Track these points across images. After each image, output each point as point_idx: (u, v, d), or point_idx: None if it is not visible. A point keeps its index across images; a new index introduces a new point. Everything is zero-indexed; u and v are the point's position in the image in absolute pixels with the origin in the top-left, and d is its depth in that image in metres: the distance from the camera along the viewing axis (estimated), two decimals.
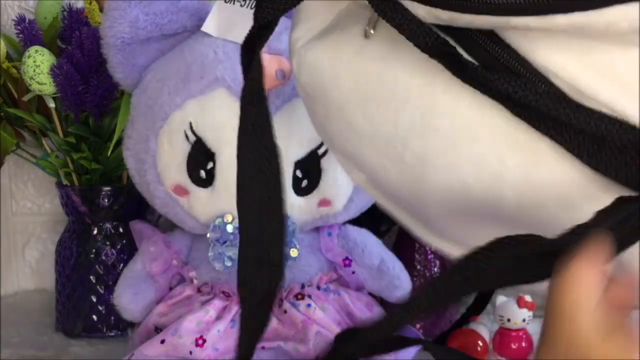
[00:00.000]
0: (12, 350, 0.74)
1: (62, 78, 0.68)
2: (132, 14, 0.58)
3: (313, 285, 0.62)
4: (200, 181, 0.59)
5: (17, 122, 0.76)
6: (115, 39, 0.59)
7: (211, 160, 0.58)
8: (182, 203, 0.61)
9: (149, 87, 0.60)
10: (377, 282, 0.65)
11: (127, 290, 0.64)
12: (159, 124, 0.59)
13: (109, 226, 0.77)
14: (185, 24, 0.61)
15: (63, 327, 0.78)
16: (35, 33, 0.72)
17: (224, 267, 0.60)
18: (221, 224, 0.60)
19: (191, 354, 0.58)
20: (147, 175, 0.60)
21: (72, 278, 0.77)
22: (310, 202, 0.60)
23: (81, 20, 0.75)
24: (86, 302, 0.76)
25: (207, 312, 0.60)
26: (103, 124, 0.73)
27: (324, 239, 0.63)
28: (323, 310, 0.61)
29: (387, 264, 0.65)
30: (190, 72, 0.58)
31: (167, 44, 0.62)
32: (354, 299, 0.64)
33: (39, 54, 0.68)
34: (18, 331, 0.79)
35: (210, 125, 0.57)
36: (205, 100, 0.57)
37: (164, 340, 0.58)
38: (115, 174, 0.76)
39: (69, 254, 0.77)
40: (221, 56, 0.58)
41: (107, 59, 0.60)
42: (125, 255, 0.77)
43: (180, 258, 0.64)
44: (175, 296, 0.63)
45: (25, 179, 0.92)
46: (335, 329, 0.60)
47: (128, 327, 0.77)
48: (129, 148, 0.61)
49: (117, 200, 0.76)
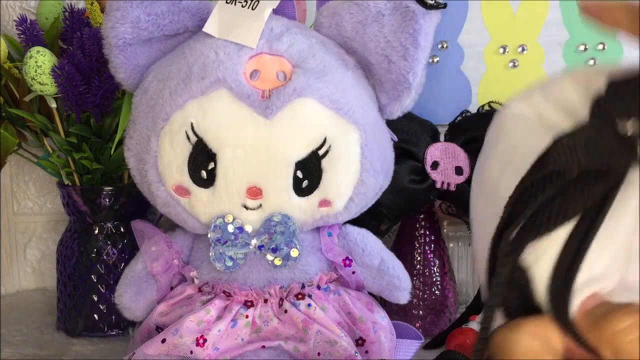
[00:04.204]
0: (14, 350, 0.74)
1: (64, 78, 0.68)
2: (133, 14, 0.58)
3: (313, 285, 0.62)
4: (201, 181, 0.59)
5: (18, 122, 0.77)
6: (117, 39, 0.59)
7: (212, 161, 0.58)
8: (183, 203, 0.61)
9: (150, 87, 0.60)
10: (377, 282, 0.65)
11: (128, 289, 0.64)
12: (160, 124, 0.59)
13: (110, 226, 0.77)
14: (187, 24, 0.61)
15: (64, 326, 0.79)
16: (36, 33, 0.72)
17: (225, 267, 0.61)
18: (222, 224, 0.60)
19: (192, 354, 0.58)
20: (148, 175, 0.61)
21: (73, 277, 0.77)
22: (310, 202, 0.60)
23: (82, 20, 0.75)
24: (87, 302, 0.76)
25: (208, 312, 0.60)
26: (104, 124, 0.73)
27: (324, 239, 0.63)
28: (323, 310, 0.61)
29: (387, 264, 0.65)
30: (192, 72, 0.58)
31: (169, 45, 0.62)
32: (354, 299, 0.64)
33: (41, 55, 0.68)
34: (19, 330, 0.79)
35: (211, 126, 0.58)
36: (206, 101, 0.58)
37: (165, 339, 0.59)
38: (116, 173, 0.76)
39: (70, 254, 0.77)
40: (222, 57, 0.58)
41: (108, 59, 0.60)
42: (126, 254, 0.77)
43: (181, 258, 0.64)
44: (176, 296, 0.63)
45: (26, 179, 0.92)
46: (336, 329, 0.60)
47: (129, 327, 0.78)
48: (130, 148, 0.61)
49: (118, 200, 0.76)
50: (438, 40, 0.83)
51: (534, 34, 0.84)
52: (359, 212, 0.64)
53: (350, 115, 0.59)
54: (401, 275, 0.66)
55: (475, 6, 0.83)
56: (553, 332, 0.28)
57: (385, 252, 0.66)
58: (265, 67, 0.59)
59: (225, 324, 0.59)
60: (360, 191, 0.61)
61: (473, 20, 0.83)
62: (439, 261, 0.78)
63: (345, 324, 0.62)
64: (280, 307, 0.61)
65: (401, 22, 0.58)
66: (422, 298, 0.77)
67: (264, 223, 0.60)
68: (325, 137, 0.58)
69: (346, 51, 0.62)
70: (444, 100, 0.84)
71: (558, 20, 0.83)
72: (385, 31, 0.59)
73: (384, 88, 0.61)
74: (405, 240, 0.79)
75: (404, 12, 0.58)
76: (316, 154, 0.58)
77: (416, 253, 0.78)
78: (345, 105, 0.58)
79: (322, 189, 0.60)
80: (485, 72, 0.84)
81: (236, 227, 0.60)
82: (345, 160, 0.59)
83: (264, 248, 0.60)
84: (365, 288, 0.66)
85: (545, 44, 0.84)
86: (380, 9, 0.59)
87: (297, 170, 0.59)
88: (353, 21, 0.60)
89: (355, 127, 0.59)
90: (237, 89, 0.57)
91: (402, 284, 0.66)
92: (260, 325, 0.60)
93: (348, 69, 0.61)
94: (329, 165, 0.59)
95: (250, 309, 0.60)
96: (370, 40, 0.60)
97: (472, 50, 0.84)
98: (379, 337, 0.62)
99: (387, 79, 0.60)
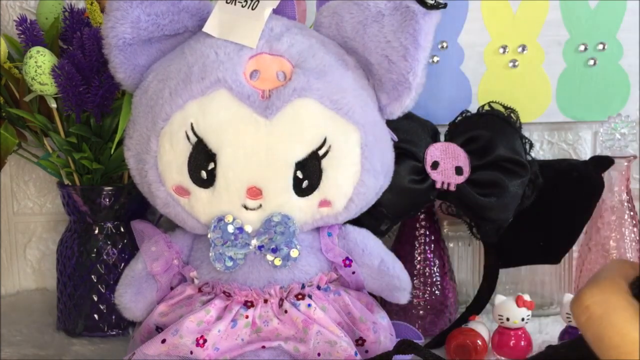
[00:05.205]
0: (14, 350, 0.74)
1: (64, 78, 0.68)
2: (133, 14, 0.58)
3: (313, 285, 0.62)
4: (201, 182, 0.59)
5: (18, 122, 0.76)
6: (117, 39, 0.59)
7: (212, 161, 0.58)
8: (183, 203, 0.61)
9: (150, 87, 0.60)
10: (377, 282, 0.65)
11: (128, 289, 0.64)
12: (160, 124, 0.59)
13: (110, 226, 0.77)
14: (187, 24, 0.61)
15: (64, 326, 0.79)
16: (36, 33, 0.72)
17: (225, 267, 0.61)
18: (222, 225, 0.60)
19: (192, 354, 0.58)
20: (148, 176, 0.61)
21: (73, 277, 0.77)
22: (310, 202, 0.60)
23: (82, 20, 0.75)
24: (87, 302, 0.76)
25: (208, 312, 0.60)
26: (104, 124, 0.73)
27: (324, 239, 0.64)
28: (323, 310, 0.61)
29: (387, 264, 0.65)
30: (192, 72, 0.58)
31: (169, 45, 0.62)
32: (354, 299, 0.64)
33: (41, 55, 0.68)
34: (19, 330, 0.79)
35: (211, 126, 0.58)
36: (206, 101, 0.58)
37: (165, 339, 0.59)
38: (116, 173, 0.76)
39: (70, 254, 0.77)
40: (222, 57, 0.58)
41: (108, 59, 0.60)
42: (126, 254, 0.77)
43: (181, 258, 0.64)
44: (176, 296, 0.63)
45: (26, 179, 0.92)
46: (336, 329, 0.60)
47: (129, 327, 0.78)
48: (130, 148, 0.62)
49: (118, 200, 0.76)
50: (438, 40, 0.83)
51: (534, 34, 0.84)
52: (359, 212, 0.64)
53: (350, 115, 0.59)
54: (401, 275, 0.66)
55: (475, 6, 0.83)
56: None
57: (385, 252, 0.66)
58: (265, 67, 0.59)
59: (225, 324, 0.59)
60: (360, 191, 0.61)
61: (473, 20, 0.83)
62: (439, 261, 0.78)
63: (345, 324, 0.62)
64: (280, 307, 0.61)
65: (401, 22, 0.58)
66: (422, 298, 0.77)
67: (264, 223, 0.60)
68: (325, 138, 0.58)
69: (346, 51, 0.62)
70: (444, 100, 0.84)
71: (558, 20, 0.83)
72: (385, 31, 0.59)
73: (384, 88, 0.61)
74: (405, 240, 0.79)
75: (404, 12, 0.58)
76: (316, 154, 0.58)
77: (416, 253, 0.78)
78: (345, 105, 0.58)
79: (322, 189, 0.60)
80: (485, 72, 0.84)
81: (236, 227, 0.60)
82: (345, 160, 0.59)
83: (264, 248, 0.60)
84: (365, 288, 0.66)
85: (545, 44, 0.84)
86: (380, 9, 0.59)
87: (297, 171, 0.59)
88: (353, 21, 0.60)
89: (355, 127, 0.59)
90: (237, 89, 0.57)
91: (402, 284, 0.66)
92: (260, 326, 0.60)
93: (348, 69, 0.61)
94: (329, 165, 0.59)
95: (250, 309, 0.60)
96: (371, 40, 0.60)
97: (472, 50, 0.84)
98: (379, 337, 0.62)
99: (387, 79, 0.60)
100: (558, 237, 0.77)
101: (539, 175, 0.72)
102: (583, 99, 0.85)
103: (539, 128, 0.89)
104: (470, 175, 0.69)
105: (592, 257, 0.80)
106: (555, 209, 0.75)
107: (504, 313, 0.69)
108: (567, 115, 0.86)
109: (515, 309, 0.68)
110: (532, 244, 0.76)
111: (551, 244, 0.77)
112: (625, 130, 0.78)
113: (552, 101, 0.85)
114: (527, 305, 0.68)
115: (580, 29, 0.83)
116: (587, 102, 0.85)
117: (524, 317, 0.68)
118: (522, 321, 0.69)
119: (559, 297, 0.81)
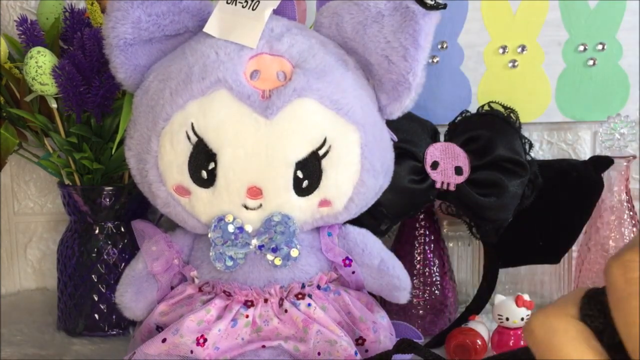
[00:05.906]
0: (14, 349, 0.74)
1: (64, 78, 0.68)
2: (134, 14, 0.58)
3: (313, 285, 0.62)
4: (201, 181, 0.59)
5: (19, 122, 0.77)
6: (118, 39, 0.59)
7: (212, 161, 0.58)
8: (184, 203, 0.61)
9: (150, 87, 0.60)
10: (377, 282, 0.65)
11: (129, 289, 0.64)
12: (160, 124, 0.59)
13: (111, 225, 0.77)
14: (187, 24, 0.61)
15: (65, 326, 0.79)
16: (37, 34, 0.72)
17: (225, 266, 0.61)
18: (222, 224, 0.60)
19: (192, 353, 0.58)
20: (148, 175, 0.61)
21: (73, 277, 0.77)
22: (310, 202, 0.60)
23: (83, 21, 0.75)
24: (88, 301, 0.77)
25: (208, 312, 0.60)
26: (104, 124, 0.73)
27: (324, 239, 0.64)
28: (323, 310, 0.61)
29: (387, 264, 0.65)
30: (192, 73, 0.58)
31: (169, 45, 0.62)
32: (354, 298, 0.64)
33: (41, 55, 0.69)
34: (20, 330, 0.79)
35: (211, 126, 0.58)
36: (206, 101, 0.58)
37: (165, 339, 0.59)
38: (116, 173, 0.77)
39: (71, 253, 0.77)
40: (223, 57, 0.58)
41: (109, 59, 0.61)
42: (126, 254, 0.77)
43: (181, 257, 0.64)
44: (177, 295, 0.63)
45: (27, 179, 0.92)
46: (336, 329, 0.60)
47: (129, 326, 0.78)
48: (131, 148, 0.62)
49: (118, 200, 0.76)
50: (438, 40, 0.84)
51: (534, 34, 0.84)
52: (359, 212, 0.64)
53: (350, 115, 0.59)
54: (401, 275, 0.66)
55: (475, 6, 0.83)
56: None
57: (385, 252, 0.66)
58: (265, 67, 0.59)
59: (226, 324, 0.60)
60: (360, 191, 0.61)
61: (473, 20, 0.83)
62: (439, 261, 0.78)
63: (345, 324, 0.62)
64: (281, 306, 0.61)
65: (401, 22, 0.58)
66: (422, 298, 0.77)
67: (264, 223, 0.60)
68: (325, 137, 0.58)
69: (346, 51, 0.62)
70: (444, 100, 0.84)
71: (558, 20, 0.83)
72: (385, 31, 0.59)
73: (384, 88, 0.61)
74: (405, 240, 0.79)
75: (404, 12, 0.58)
76: (316, 154, 0.59)
77: (416, 253, 0.78)
78: (345, 105, 0.58)
79: (322, 189, 0.60)
80: (485, 72, 0.84)
81: (236, 227, 0.60)
82: (345, 160, 0.59)
83: (264, 248, 0.61)
84: (365, 288, 0.66)
85: (545, 44, 0.84)
86: (380, 10, 0.59)
87: (297, 170, 0.59)
88: (353, 21, 0.60)
89: (355, 127, 0.59)
90: (238, 89, 0.57)
91: (402, 283, 0.66)
92: (261, 325, 0.60)
93: (348, 69, 0.61)
94: (329, 165, 0.59)
95: (250, 308, 0.60)
96: (371, 40, 0.60)
97: (472, 50, 0.84)
98: (379, 337, 0.63)
99: (387, 80, 0.60)
100: (558, 237, 0.77)
101: (538, 175, 0.72)
102: (582, 99, 0.85)
103: (538, 128, 0.89)
104: (470, 175, 0.69)
105: (592, 257, 0.81)
106: (554, 209, 0.75)
107: (503, 313, 0.69)
108: (567, 115, 0.86)
109: (514, 309, 0.69)
110: (532, 244, 0.76)
111: (551, 244, 0.77)
112: (624, 130, 0.78)
113: (552, 101, 0.85)
114: (526, 305, 0.69)
115: (579, 29, 0.84)
116: (587, 102, 0.85)
117: (523, 316, 0.69)
118: (522, 321, 0.69)
119: (559, 296, 0.81)
